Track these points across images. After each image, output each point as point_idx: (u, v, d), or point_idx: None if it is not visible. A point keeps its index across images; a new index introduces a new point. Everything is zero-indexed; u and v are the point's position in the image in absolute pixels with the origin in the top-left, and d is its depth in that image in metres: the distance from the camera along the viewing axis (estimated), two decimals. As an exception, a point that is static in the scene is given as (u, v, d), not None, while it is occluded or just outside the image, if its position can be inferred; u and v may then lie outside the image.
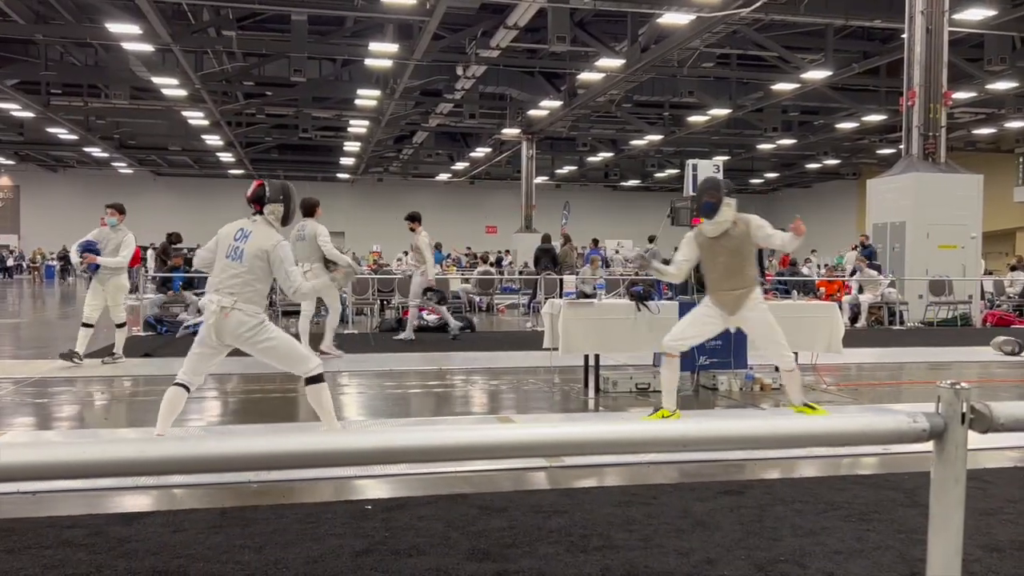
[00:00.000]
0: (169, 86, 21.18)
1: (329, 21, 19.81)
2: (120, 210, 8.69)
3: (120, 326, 8.83)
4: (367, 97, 23.09)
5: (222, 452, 1.56)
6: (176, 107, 25.05)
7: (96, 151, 34.42)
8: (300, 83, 21.89)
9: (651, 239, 21.24)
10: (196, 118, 26.40)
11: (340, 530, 3.49)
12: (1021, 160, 30.72)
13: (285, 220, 4.86)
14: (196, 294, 13.17)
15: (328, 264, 8.95)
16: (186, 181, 42.67)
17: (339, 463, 1.66)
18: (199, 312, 12.74)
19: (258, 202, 4.80)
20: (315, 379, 4.79)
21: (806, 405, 5.82)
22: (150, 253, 26.27)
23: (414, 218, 10.70)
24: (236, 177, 42.11)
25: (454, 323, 11.59)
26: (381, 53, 18.55)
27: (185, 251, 16.55)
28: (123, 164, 38.87)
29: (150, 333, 12.02)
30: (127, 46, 18.58)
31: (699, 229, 5.67)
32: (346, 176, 42.19)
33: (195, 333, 11.15)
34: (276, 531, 3.47)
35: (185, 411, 6.51)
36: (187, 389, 4.79)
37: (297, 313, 14.75)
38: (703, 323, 5.74)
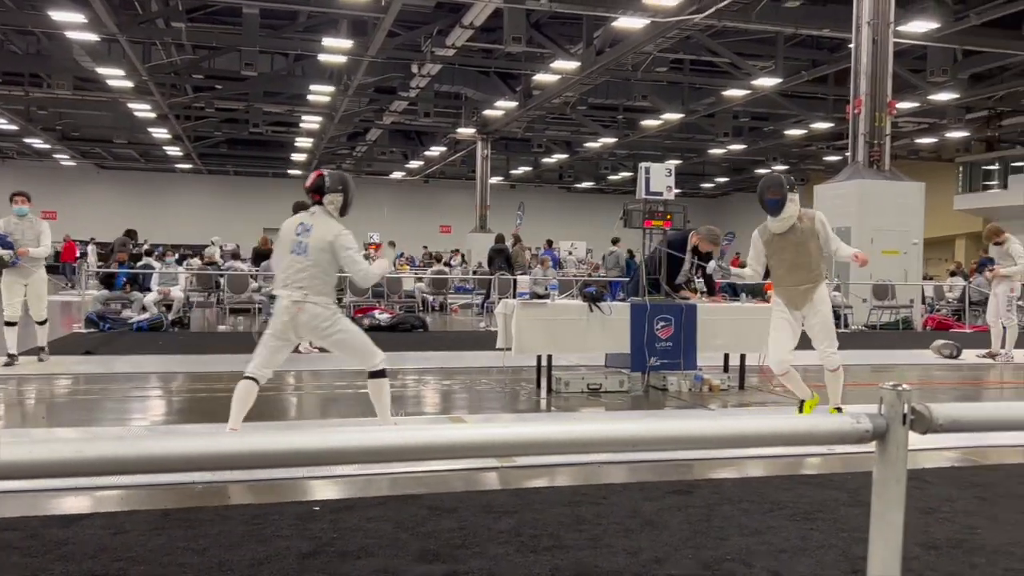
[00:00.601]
0: (115, 77, 20.65)
1: (282, 15, 19.53)
2: (30, 198, 8.04)
3: (43, 323, 8.15)
4: (320, 93, 22.83)
5: (165, 452, 1.52)
6: (122, 99, 24.42)
7: (37, 142, 33.40)
8: (251, 77, 21.55)
9: (615, 241, 21.29)
10: (143, 110, 25.78)
11: (287, 532, 3.44)
12: (961, 169, 31.68)
13: (343, 210, 4.91)
14: (143, 290, 12.88)
15: None
16: (132, 175, 41.64)
17: (286, 464, 1.63)
18: (144, 309, 12.48)
19: (317, 192, 4.84)
20: (379, 374, 4.90)
21: (838, 408, 5.82)
22: (91, 248, 25.67)
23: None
24: (184, 171, 41.27)
25: None
26: (335, 49, 18.35)
27: (131, 247, 16.18)
28: (65, 156, 37.77)
29: (92, 330, 11.70)
30: (71, 35, 18.07)
31: (764, 226, 5.69)
32: (298, 173, 41.61)
33: (141, 330, 10.89)
34: (220, 533, 3.40)
35: (128, 410, 6.38)
36: (257, 383, 4.80)
37: (245, 311, 14.54)
38: (785, 327, 5.71)
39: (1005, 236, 10.56)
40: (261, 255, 16.68)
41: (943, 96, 21.42)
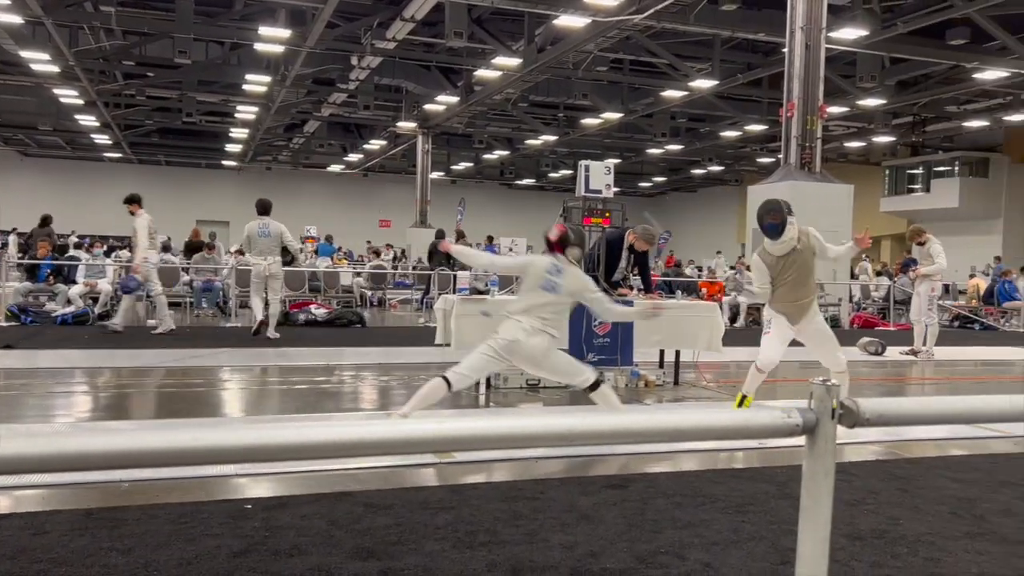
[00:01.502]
0: (39, 61, 19.84)
1: (217, 2, 19.05)
2: None
3: None
4: (256, 83, 22.35)
5: (86, 449, 1.46)
6: (47, 84, 23.49)
7: (-45, 127, 31.95)
8: (185, 65, 20.96)
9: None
10: (69, 97, 24.84)
11: (217, 530, 3.36)
12: (887, 173, 32.78)
13: (580, 261, 5.23)
14: (68, 282, 12.43)
15: (284, 256, 10.36)
16: (58, 163, 40.13)
17: (216, 460, 1.59)
18: (68, 302, 12.04)
19: (560, 244, 5.05)
20: (593, 386, 5.08)
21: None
22: (12, 239, 24.61)
23: (133, 200, 10.84)
24: (113, 160, 39.96)
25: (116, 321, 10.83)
26: (272, 38, 17.98)
27: (56, 238, 15.61)
28: (-14, 142, 36.24)
29: (13, 323, 11.25)
30: (-7, 16, 17.30)
31: (764, 248, 5.78)
32: (232, 164, 40.72)
33: (66, 323, 10.51)
34: (147, 532, 3.30)
35: (51, 406, 6.15)
36: (449, 386, 4.82)
37: (175, 305, 14.16)
38: (784, 335, 5.90)
39: (927, 236, 10.96)
40: (192, 248, 16.26)
41: (871, 101, 22.13)
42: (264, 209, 10.40)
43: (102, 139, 33.99)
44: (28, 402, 6.21)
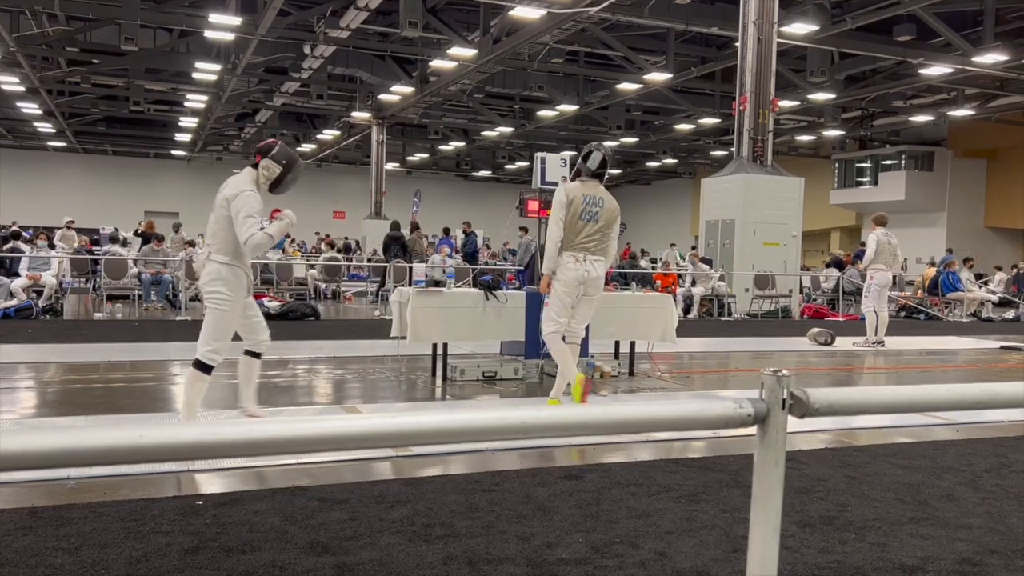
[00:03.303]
0: (-22, 46, 19.21)
1: (166, -12, 18.62)
2: None
3: None
4: (206, 71, 21.92)
5: (30, 447, 1.42)
6: (-14, 70, 22.76)
7: None
8: (131, 52, 20.43)
9: (524, 229, 21.21)
10: (10, 83, 24.07)
11: (167, 528, 3.29)
12: (836, 166, 33.46)
13: (275, 186, 4.75)
14: (10, 275, 12.08)
15: None
16: (-1, 152, 38.93)
17: (167, 458, 1.55)
18: (11, 295, 11.69)
19: (260, 153, 4.70)
20: (203, 367, 4.77)
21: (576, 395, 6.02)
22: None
23: None
24: (57, 150, 38.85)
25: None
26: (222, 26, 17.63)
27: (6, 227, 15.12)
28: (-78, 130, 34.95)
29: (-48, 318, 10.90)
30: (-72, -1, 16.68)
31: (576, 185, 5.83)
32: (182, 153, 39.91)
33: (8, 317, 10.26)
34: (95, 531, 3.23)
35: (-8, 403, 5.96)
36: (256, 356, 5.01)
37: (125, 298, 13.85)
38: (568, 296, 5.88)
39: (872, 227, 11.14)
40: (147, 239, 15.93)
41: (821, 96, 22.55)
42: None
43: (45, 127, 33.03)
44: (-32, 399, 6.01)
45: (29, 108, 28.19)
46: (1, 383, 6.69)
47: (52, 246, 15.32)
